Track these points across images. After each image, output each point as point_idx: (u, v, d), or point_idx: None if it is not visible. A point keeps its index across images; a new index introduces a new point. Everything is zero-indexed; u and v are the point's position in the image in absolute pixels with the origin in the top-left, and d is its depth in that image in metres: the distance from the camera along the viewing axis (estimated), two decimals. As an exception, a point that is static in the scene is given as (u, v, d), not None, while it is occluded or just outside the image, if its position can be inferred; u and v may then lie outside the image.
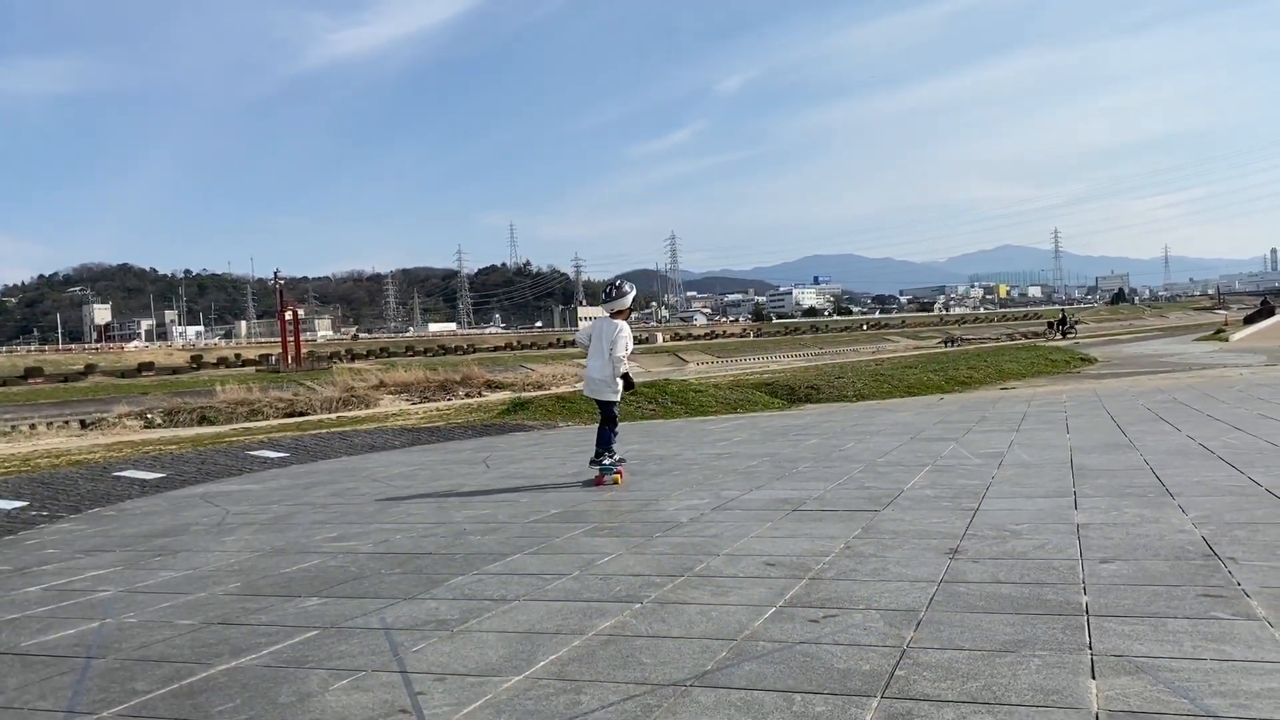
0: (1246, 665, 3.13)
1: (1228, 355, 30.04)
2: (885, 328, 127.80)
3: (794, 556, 5.22)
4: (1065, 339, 65.80)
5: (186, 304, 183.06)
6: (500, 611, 4.49)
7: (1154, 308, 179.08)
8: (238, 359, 76.81)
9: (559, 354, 76.71)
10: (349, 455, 14.27)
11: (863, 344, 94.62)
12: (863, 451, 10.26)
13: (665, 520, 6.69)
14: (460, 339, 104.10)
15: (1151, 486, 6.82)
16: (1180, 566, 4.47)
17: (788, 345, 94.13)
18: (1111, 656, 3.29)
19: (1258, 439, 9.18)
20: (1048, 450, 9.34)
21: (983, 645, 3.50)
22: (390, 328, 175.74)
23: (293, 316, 74.81)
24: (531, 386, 37.07)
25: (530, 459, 12.01)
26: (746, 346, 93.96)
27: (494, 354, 76.83)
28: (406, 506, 8.35)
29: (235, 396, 32.19)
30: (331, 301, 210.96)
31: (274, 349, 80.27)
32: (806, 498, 7.30)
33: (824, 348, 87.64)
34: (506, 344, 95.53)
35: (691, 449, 11.84)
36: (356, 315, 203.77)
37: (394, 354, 77.66)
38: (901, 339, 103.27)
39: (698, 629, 3.97)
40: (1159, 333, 71.26)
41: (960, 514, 6.18)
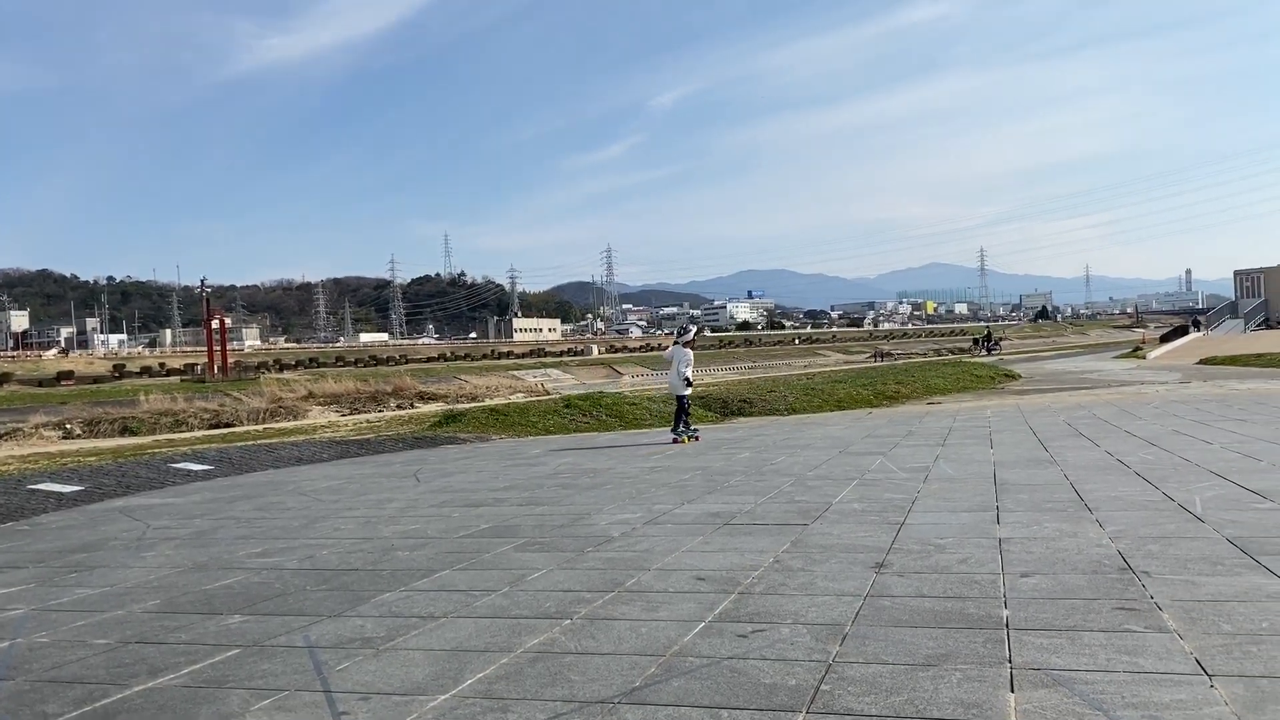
0: (1157, 677, 3.23)
1: (1145, 372, 31.00)
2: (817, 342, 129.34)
3: (724, 571, 5.25)
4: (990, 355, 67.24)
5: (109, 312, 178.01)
6: (428, 629, 4.44)
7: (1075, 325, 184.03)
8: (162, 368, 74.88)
9: (493, 365, 76.17)
10: (276, 468, 14.00)
11: (795, 358, 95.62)
12: (793, 465, 10.36)
13: (597, 535, 6.68)
14: (392, 349, 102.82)
15: (1071, 501, 7.00)
16: (1097, 580, 4.59)
17: (722, 358, 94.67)
18: (1030, 669, 3.37)
19: (1172, 455, 9.48)
20: (972, 465, 9.54)
21: (906, 659, 3.56)
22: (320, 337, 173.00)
23: (219, 325, 73.23)
24: (465, 398, 36.76)
25: (462, 472, 11.90)
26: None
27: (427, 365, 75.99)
28: (334, 521, 8.21)
29: (159, 407, 31.37)
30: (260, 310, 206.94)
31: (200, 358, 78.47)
32: (738, 512, 7.35)
33: (757, 361, 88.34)
34: (440, 355, 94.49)
35: (625, 462, 11.84)
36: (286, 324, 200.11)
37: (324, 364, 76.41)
38: (833, 353, 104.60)
39: (627, 645, 3.97)
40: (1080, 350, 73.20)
41: (887, 528, 6.28)
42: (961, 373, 36.95)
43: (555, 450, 14.42)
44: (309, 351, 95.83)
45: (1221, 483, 7.50)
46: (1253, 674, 3.21)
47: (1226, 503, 6.57)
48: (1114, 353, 56.15)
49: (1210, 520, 5.94)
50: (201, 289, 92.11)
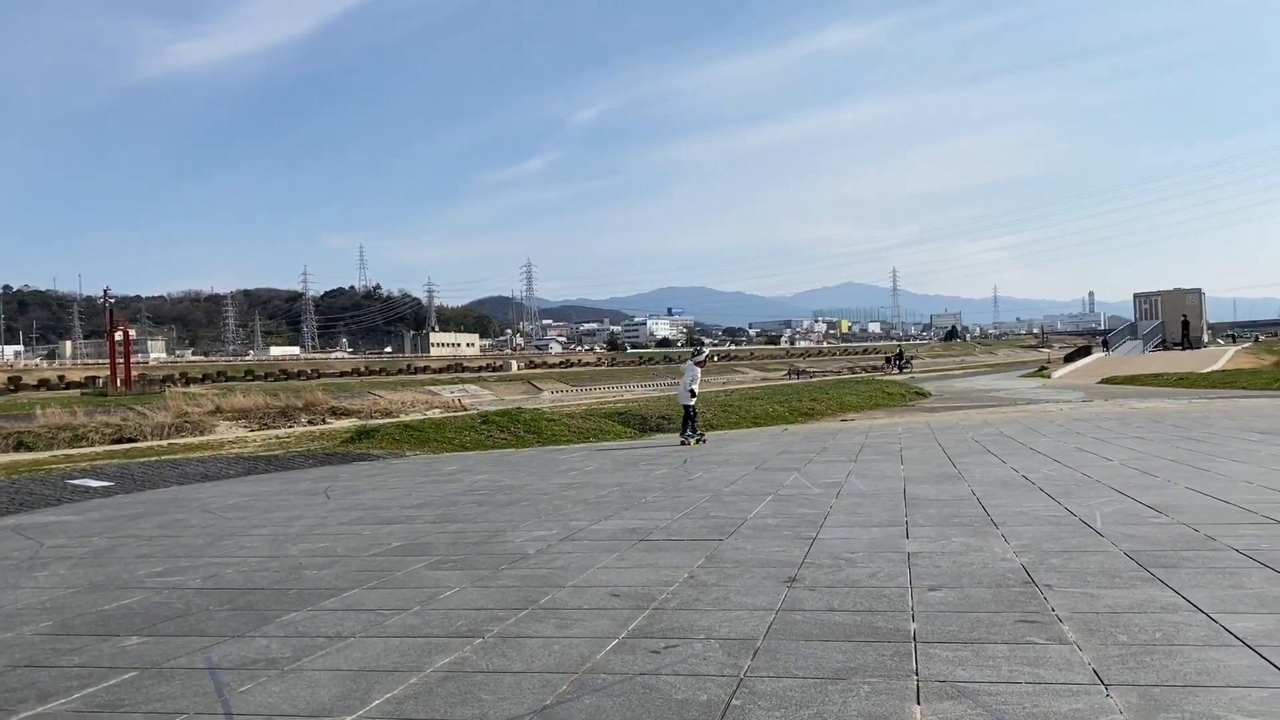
0: (1057, 687, 3.32)
1: (1049, 391, 31.97)
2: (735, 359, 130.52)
3: (639, 587, 5.24)
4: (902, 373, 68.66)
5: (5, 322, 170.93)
6: (335, 649, 4.34)
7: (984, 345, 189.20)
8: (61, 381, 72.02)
9: (409, 380, 75.06)
10: (180, 485, 13.58)
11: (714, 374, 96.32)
12: (710, 481, 10.42)
13: (512, 552, 6.62)
14: (304, 363, 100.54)
15: (977, 516, 7.17)
16: (1001, 593, 4.71)
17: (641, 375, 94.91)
18: (936, 682, 3.43)
19: (1074, 471, 9.78)
20: (883, 480, 9.71)
21: (816, 673, 3.59)
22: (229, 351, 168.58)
23: (123, 337, 70.78)
24: (379, 414, 36.19)
25: (374, 489, 11.69)
26: (601, 375, 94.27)
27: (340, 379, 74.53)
28: (239, 539, 7.98)
29: (57, 421, 30.19)
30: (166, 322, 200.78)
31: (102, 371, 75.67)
32: (654, 527, 7.36)
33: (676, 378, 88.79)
34: (354, 369, 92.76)
35: (542, 479, 11.77)
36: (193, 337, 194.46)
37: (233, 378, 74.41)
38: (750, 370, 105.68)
39: (539, 663, 3.93)
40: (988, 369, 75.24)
41: (800, 543, 6.35)
42: (874, 390, 37.66)
43: (471, 467, 14.27)
44: (217, 365, 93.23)
45: (1120, 498, 7.76)
46: (1145, 683, 3.32)
47: (1125, 517, 6.80)
48: (1020, 372, 57.83)
49: (1109, 534, 6.14)
50: (104, 299, 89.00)
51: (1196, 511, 6.87)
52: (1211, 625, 3.98)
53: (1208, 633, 3.88)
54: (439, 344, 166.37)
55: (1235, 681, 3.29)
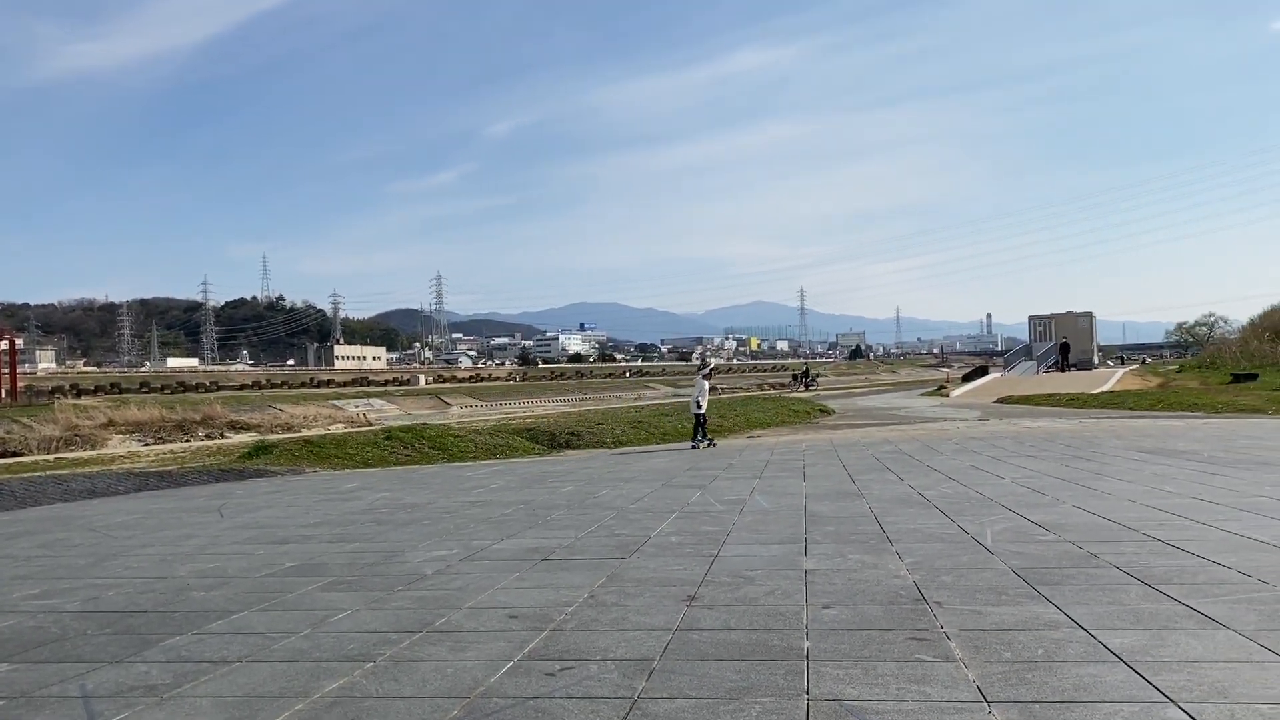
0: (942, 705, 3.39)
1: (947, 410, 32.84)
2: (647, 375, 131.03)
3: (538, 608, 5.19)
4: (807, 391, 69.80)
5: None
6: (219, 674, 4.20)
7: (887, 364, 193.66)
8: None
9: (312, 394, 73.35)
10: (65, 502, 13.02)
11: (625, 390, 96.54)
12: (616, 498, 10.41)
13: (409, 573, 6.50)
14: (203, 375, 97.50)
15: (874, 534, 7.30)
16: (893, 611, 4.80)
17: (553, 390, 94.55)
18: (826, 700, 3.47)
19: (968, 489, 10.05)
20: (785, 498, 9.84)
21: (710, 693, 3.60)
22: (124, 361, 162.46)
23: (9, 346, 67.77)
24: (280, 429, 35.28)
25: (270, 507, 11.38)
26: (512, 390, 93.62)
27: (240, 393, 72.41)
28: (125, 559, 7.68)
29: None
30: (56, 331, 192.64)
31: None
32: (557, 546, 7.31)
33: (588, 393, 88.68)
34: (254, 382, 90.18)
35: (446, 497, 11.61)
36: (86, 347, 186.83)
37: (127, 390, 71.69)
38: (662, 386, 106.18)
39: (431, 687, 3.86)
40: (890, 387, 76.98)
41: (701, 560, 6.38)
42: (780, 407, 38.18)
43: (373, 484, 14.02)
44: (111, 376, 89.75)
45: (1011, 516, 7.99)
46: (1026, 699, 3.41)
47: (1014, 535, 7.00)
48: (920, 390, 59.31)
49: (999, 552, 6.32)
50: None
51: (1082, 529, 7.12)
52: (1091, 642, 4.11)
53: (1087, 649, 4.01)
54: (344, 357, 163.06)
55: (1110, 697, 3.41)
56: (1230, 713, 3.22)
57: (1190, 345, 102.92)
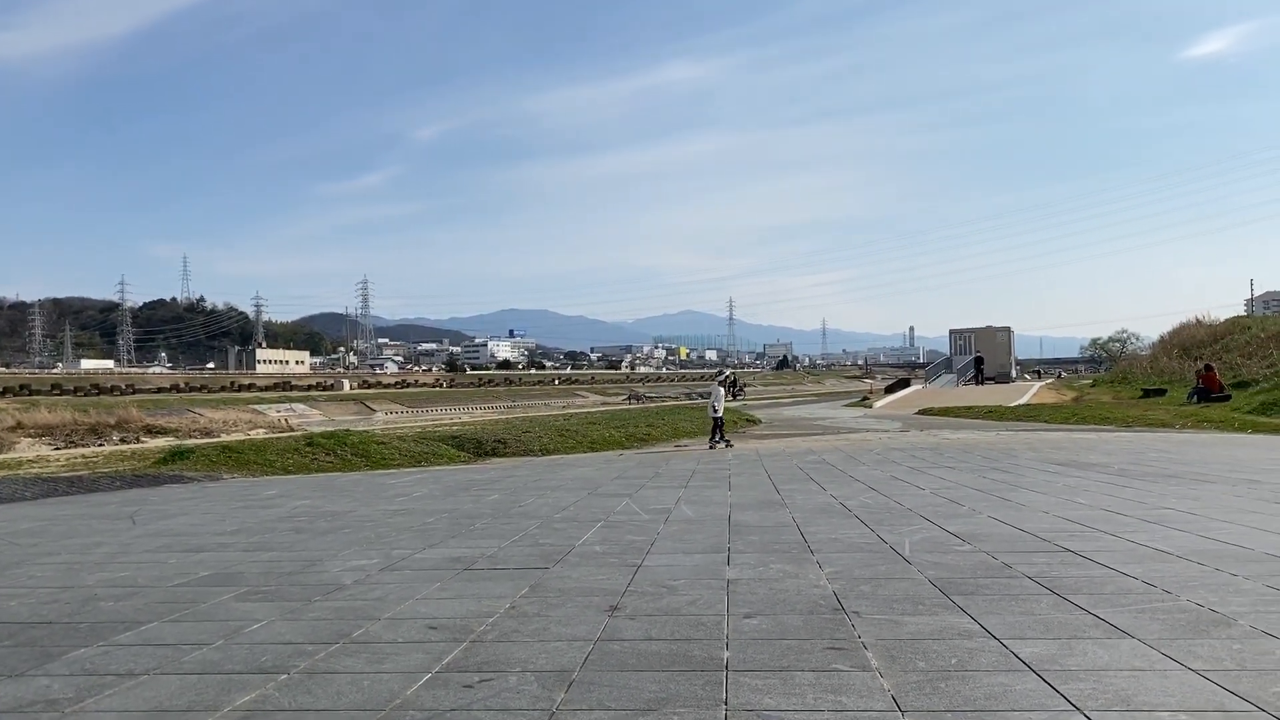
0: (856, 714, 3.44)
1: (870, 421, 33.37)
2: (576, 383, 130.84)
3: (458, 618, 5.14)
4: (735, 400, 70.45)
5: None
6: (125, 687, 4.07)
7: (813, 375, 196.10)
8: None
9: (233, 398, 71.67)
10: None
11: (554, 398, 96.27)
12: (541, 507, 10.36)
13: (328, 583, 6.38)
14: (119, 378, 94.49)
15: (796, 543, 7.38)
16: (812, 620, 4.85)
17: (480, 397, 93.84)
18: (744, 711, 3.49)
19: (889, 499, 10.22)
20: (710, 507, 9.89)
21: (629, 704, 3.60)
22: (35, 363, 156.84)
23: (-91, 345, 64.98)
24: (199, 433, 34.44)
25: (185, 514, 11.08)
26: (439, 397, 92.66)
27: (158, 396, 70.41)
28: (28, 568, 7.40)
29: None
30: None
31: (-118, 381, 69.12)
32: (480, 556, 7.25)
33: (516, 401, 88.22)
34: (173, 385, 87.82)
35: (367, 505, 11.43)
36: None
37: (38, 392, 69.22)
38: (591, 394, 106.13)
39: (346, 700, 3.79)
40: (815, 398, 78.07)
41: (625, 570, 6.38)
42: (708, 417, 38.44)
43: (293, 491, 13.74)
44: (20, 378, 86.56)
45: (929, 526, 8.14)
46: (939, 709, 3.47)
47: (931, 545, 7.13)
48: (845, 401, 60.21)
49: (916, 562, 6.43)
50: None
51: (996, 540, 7.29)
52: (1002, 651, 4.21)
53: (998, 658, 4.10)
54: (266, 361, 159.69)
55: (1019, 706, 3.49)
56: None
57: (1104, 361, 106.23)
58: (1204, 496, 9.65)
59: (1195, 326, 56.23)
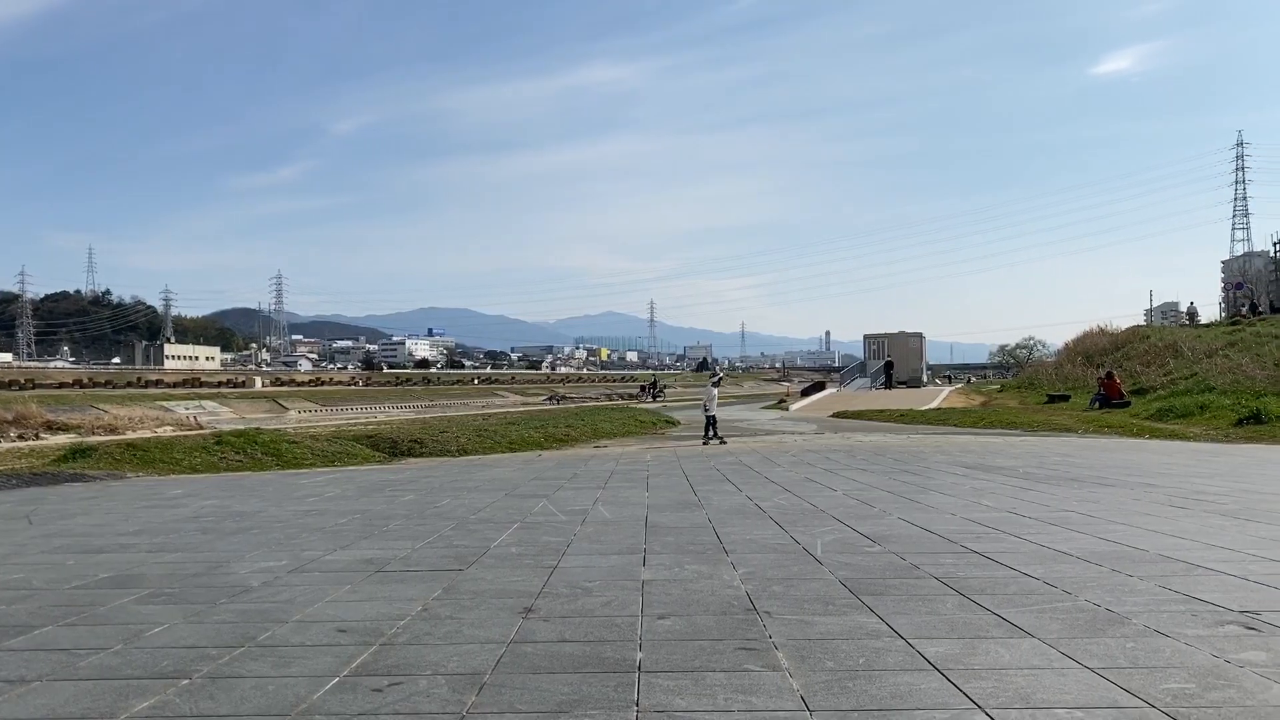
0: (765, 714, 3.48)
1: (786, 423, 33.82)
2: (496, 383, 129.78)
3: (369, 621, 5.06)
4: (655, 402, 70.72)
5: None
6: (15, 695, 3.91)
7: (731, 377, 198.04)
8: None
9: (140, 395, 69.39)
10: None
11: (473, 398, 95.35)
12: (457, 508, 10.26)
13: (234, 585, 6.22)
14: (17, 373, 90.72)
15: (711, 544, 7.44)
16: (725, 621, 4.89)
17: (397, 396, 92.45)
18: (654, 712, 3.51)
19: (802, 501, 10.36)
20: (627, 508, 9.91)
21: (540, 707, 3.59)
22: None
23: None
24: (103, 430, 33.26)
25: (86, 514, 10.70)
26: (355, 396, 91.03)
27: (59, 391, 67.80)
28: (-87, 571, 7.06)
29: None
30: None
31: None
32: (392, 557, 7.15)
33: (434, 400, 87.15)
34: (76, 380, 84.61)
35: (277, 505, 11.18)
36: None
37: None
38: (511, 395, 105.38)
39: (249, 705, 3.70)
40: (734, 400, 78.70)
41: (540, 572, 6.36)
42: (628, 418, 38.52)
43: (200, 491, 13.38)
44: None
45: (841, 527, 8.28)
46: (846, 708, 3.54)
47: (842, 546, 7.26)
48: (762, 404, 60.88)
49: (828, 563, 6.53)
50: None
51: (905, 541, 7.44)
52: (909, 651, 4.30)
53: (905, 658, 4.19)
54: (175, 356, 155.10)
55: (924, 704, 3.57)
56: (1031, 717, 3.42)
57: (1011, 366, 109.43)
58: (1103, 499, 10.00)
59: (1098, 335, 58.27)
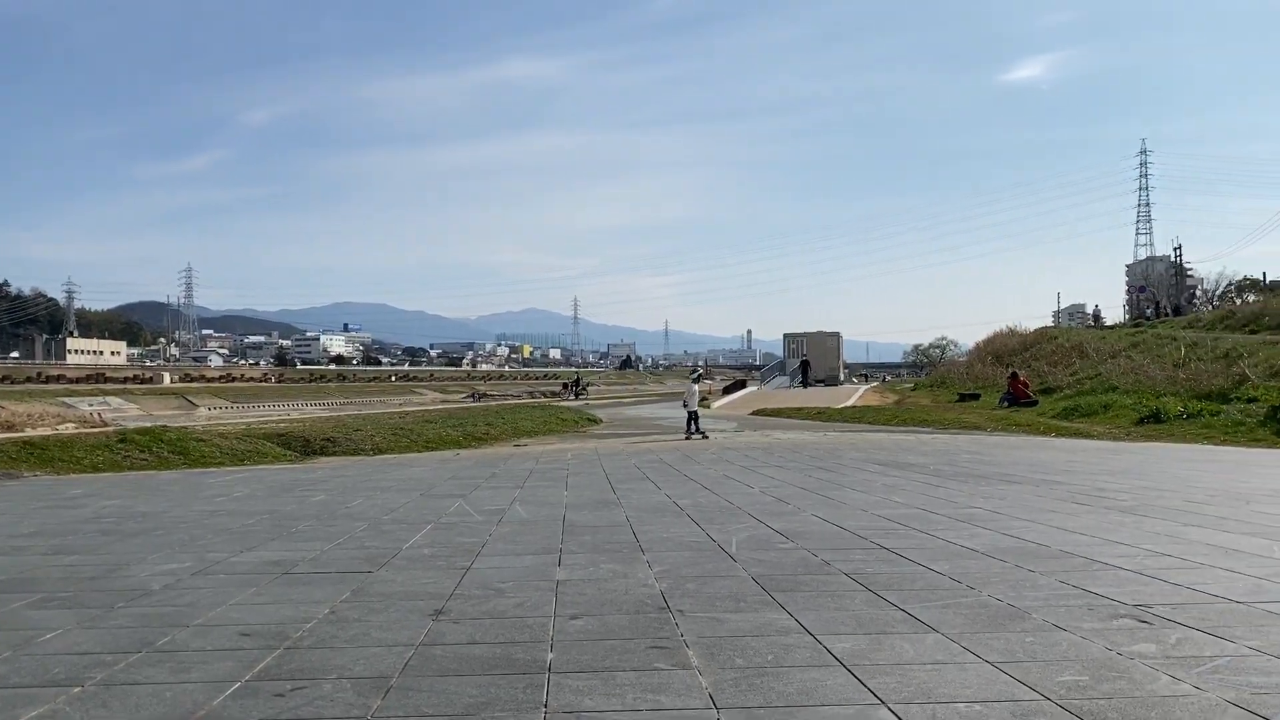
0: (673, 712, 3.49)
1: (708, 421, 34.04)
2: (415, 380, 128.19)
3: (274, 624, 4.94)
4: (577, 399, 70.61)
5: None
6: (-109, 708, 3.72)
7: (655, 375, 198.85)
8: None
9: (40, 390, 66.83)
10: None
11: (391, 395, 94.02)
12: (370, 509, 10.09)
13: (133, 588, 6.02)
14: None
15: (628, 543, 7.45)
16: (638, 620, 4.90)
17: (312, 393, 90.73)
18: (563, 713, 3.49)
19: (720, 498, 10.44)
20: (545, 507, 9.87)
21: (447, 710, 3.54)
22: None
23: None
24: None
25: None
26: (267, 393, 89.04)
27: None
28: None
29: None
30: None
31: None
32: (301, 559, 7.00)
33: (350, 398, 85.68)
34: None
35: (183, 505, 10.87)
36: None
37: None
38: (430, 392, 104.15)
39: (145, 712, 3.59)
40: (657, 398, 78.99)
41: (453, 573, 6.28)
42: (549, 416, 38.36)
43: (102, 490, 12.94)
44: None
45: (756, 524, 8.37)
46: (753, 705, 3.56)
47: (757, 543, 7.33)
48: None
49: (741, 560, 6.59)
50: None
51: (818, 537, 7.55)
52: (817, 647, 4.36)
53: (812, 654, 4.24)
54: (78, 351, 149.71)
55: (829, 700, 3.62)
56: (932, 712, 3.49)
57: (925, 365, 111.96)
58: (1009, 496, 10.27)
59: (1008, 335, 59.99)
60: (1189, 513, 8.78)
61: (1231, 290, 66.07)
